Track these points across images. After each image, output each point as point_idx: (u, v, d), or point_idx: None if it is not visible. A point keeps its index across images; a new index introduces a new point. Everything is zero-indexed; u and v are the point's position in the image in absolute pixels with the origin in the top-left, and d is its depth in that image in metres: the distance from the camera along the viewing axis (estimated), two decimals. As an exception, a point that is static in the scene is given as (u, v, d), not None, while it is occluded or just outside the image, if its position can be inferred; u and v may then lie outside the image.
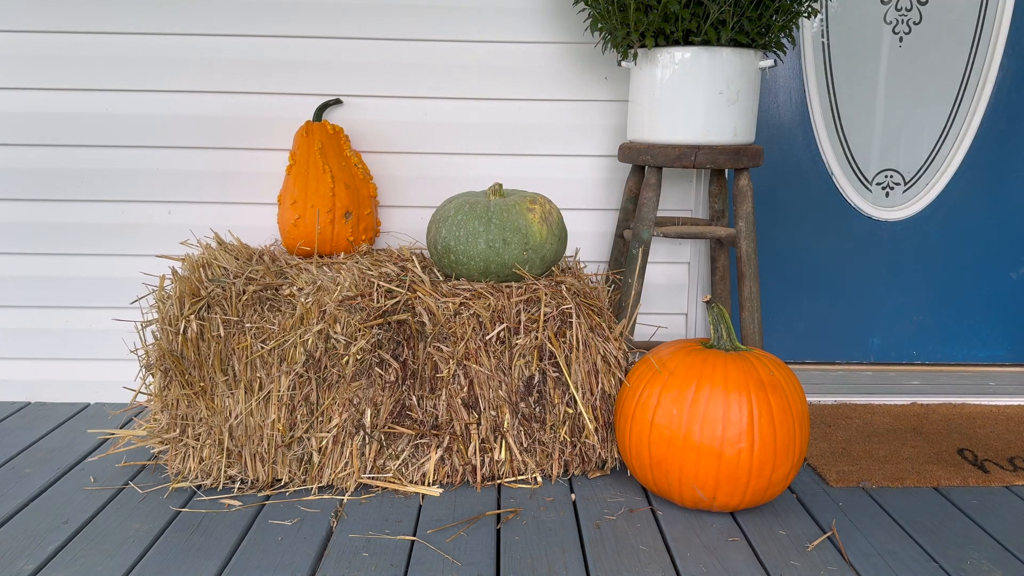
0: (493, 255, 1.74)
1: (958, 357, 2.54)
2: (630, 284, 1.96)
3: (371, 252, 2.04)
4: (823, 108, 2.38)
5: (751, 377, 1.56)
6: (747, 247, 1.99)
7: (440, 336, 1.70)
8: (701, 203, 2.31)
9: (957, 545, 1.54)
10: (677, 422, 1.56)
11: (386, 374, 1.70)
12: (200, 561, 1.46)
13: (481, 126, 2.22)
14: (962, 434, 2.03)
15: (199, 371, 1.70)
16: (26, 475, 1.80)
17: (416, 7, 2.13)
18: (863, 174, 2.42)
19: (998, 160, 2.41)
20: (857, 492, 1.75)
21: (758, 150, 1.95)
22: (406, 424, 1.72)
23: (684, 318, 2.37)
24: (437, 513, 1.64)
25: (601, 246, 2.31)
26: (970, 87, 2.37)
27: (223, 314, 1.67)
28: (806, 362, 2.53)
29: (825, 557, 1.49)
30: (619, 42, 1.90)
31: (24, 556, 1.47)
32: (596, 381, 1.74)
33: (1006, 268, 2.48)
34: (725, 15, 1.77)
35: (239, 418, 1.70)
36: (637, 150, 1.95)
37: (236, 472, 1.73)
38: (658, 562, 1.47)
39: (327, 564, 1.45)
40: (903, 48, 2.34)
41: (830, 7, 2.31)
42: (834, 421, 2.11)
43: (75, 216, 2.19)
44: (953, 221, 2.45)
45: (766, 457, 1.54)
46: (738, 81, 1.85)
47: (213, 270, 1.76)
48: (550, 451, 1.77)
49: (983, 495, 1.74)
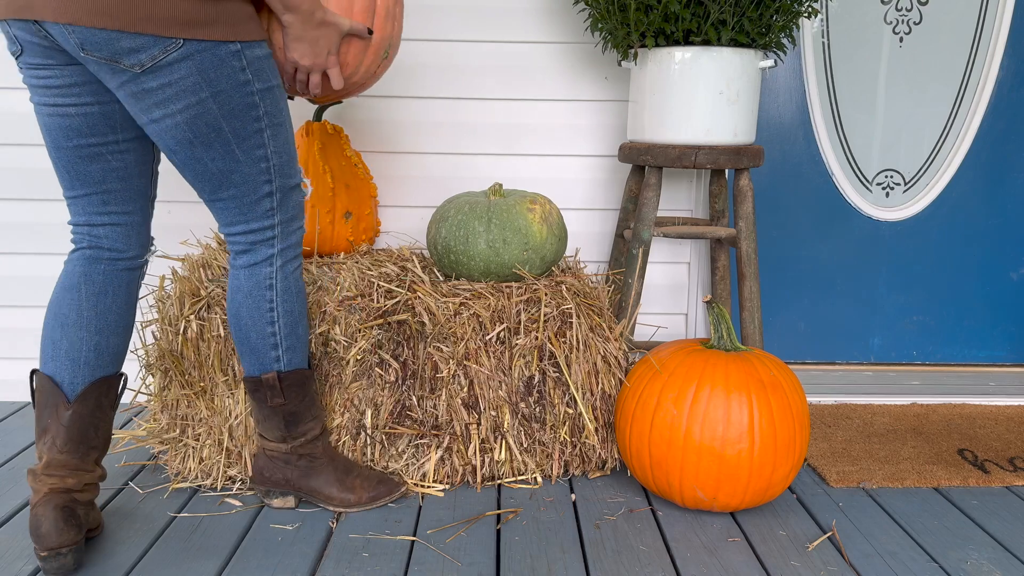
0: (493, 255, 1.74)
1: (958, 357, 2.54)
2: (630, 284, 1.96)
3: (371, 252, 2.04)
4: (823, 108, 2.38)
5: (751, 377, 1.56)
6: (747, 247, 1.99)
7: (440, 336, 1.70)
8: (701, 203, 2.30)
9: (957, 545, 1.54)
10: (677, 422, 1.56)
11: (386, 374, 1.70)
12: (200, 561, 1.46)
13: (481, 126, 2.22)
14: (962, 434, 2.03)
15: (199, 371, 1.69)
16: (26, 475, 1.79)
17: (416, 7, 2.13)
18: (863, 174, 2.42)
19: (998, 160, 2.41)
20: (857, 492, 1.75)
21: (758, 150, 1.95)
22: (406, 424, 1.72)
23: (684, 318, 2.37)
24: (437, 513, 1.64)
25: (601, 246, 2.31)
26: (970, 87, 2.37)
27: (223, 314, 1.67)
28: (806, 362, 2.53)
29: (825, 557, 1.49)
30: (619, 42, 1.90)
31: (24, 556, 1.47)
32: (596, 381, 1.74)
33: (1006, 268, 2.48)
34: (725, 15, 1.77)
35: (239, 418, 1.70)
36: (637, 150, 1.95)
37: (236, 472, 1.73)
38: (658, 562, 1.47)
39: (327, 564, 1.45)
40: (903, 48, 2.34)
41: (830, 7, 2.31)
42: (834, 421, 2.11)
43: (75, 216, 2.19)
44: (953, 221, 2.45)
45: (766, 457, 1.54)
46: (738, 81, 1.85)
47: (213, 270, 1.76)
48: (550, 451, 1.77)
49: (983, 495, 1.74)
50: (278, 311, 1.50)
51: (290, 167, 1.47)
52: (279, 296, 1.50)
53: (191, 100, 1.31)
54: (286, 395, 1.55)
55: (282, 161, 1.45)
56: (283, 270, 1.50)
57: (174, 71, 1.29)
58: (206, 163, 1.39)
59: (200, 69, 1.30)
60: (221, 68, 1.31)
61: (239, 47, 1.33)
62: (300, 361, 1.56)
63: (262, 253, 1.48)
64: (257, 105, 1.37)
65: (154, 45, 1.26)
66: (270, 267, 1.49)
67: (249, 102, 1.36)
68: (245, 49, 1.34)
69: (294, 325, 1.53)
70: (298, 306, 1.54)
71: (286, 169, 1.46)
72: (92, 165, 1.43)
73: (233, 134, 1.37)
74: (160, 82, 1.29)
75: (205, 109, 1.33)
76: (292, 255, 1.52)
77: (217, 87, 1.32)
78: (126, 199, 1.49)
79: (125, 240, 1.50)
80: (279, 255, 1.50)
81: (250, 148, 1.40)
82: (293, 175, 1.49)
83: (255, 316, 1.49)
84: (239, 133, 1.37)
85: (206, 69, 1.30)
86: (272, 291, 1.49)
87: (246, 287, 1.49)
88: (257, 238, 1.48)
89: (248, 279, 1.49)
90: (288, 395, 1.55)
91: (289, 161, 1.47)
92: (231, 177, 1.41)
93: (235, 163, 1.40)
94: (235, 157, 1.39)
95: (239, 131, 1.37)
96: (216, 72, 1.31)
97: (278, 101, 1.42)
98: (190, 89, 1.31)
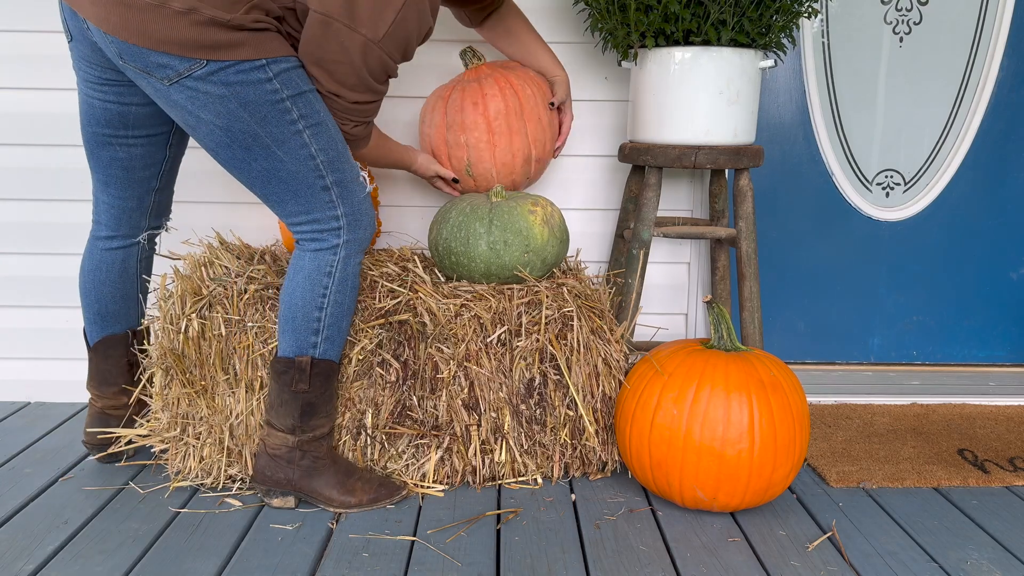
0: (494, 257, 1.74)
1: (958, 357, 2.54)
2: (631, 284, 1.96)
3: (372, 252, 2.04)
4: (823, 108, 2.38)
5: (752, 377, 1.56)
6: (747, 247, 1.99)
7: (441, 337, 1.70)
8: (701, 203, 2.31)
9: (957, 545, 1.54)
10: (677, 422, 1.56)
11: (387, 374, 1.70)
12: (200, 561, 1.46)
13: (481, 126, 2.22)
14: (962, 434, 2.03)
15: (200, 370, 1.70)
16: (26, 475, 1.80)
17: (416, 7, 2.13)
18: (863, 174, 2.42)
19: (998, 160, 2.41)
20: (857, 492, 1.75)
21: (758, 150, 1.95)
22: (407, 424, 1.72)
23: (684, 318, 2.37)
24: (437, 513, 1.64)
25: (601, 246, 2.31)
26: (970, 87, 2.37)
27: (224, 313, 1.67)
28: (806, 362, 2.53)
29: (825, 557, 1.49)
30: (619, 42, 1.90)
31: (24, 556, 1.47)
32: (597, 383, 1.74)
33: (1006, 268, 2.48)
34: (725, 15, 1.77)
35: (240, 417, 1.70)
36: (637, 150, 1.95)
37: (237, 471, 1.73)
38: (658, 562, 1.47)
39: (327, 564, 1.45)
40: (903, 48, 2.34)
41: (830, 7, 2.31)
42: (834, 421, 2.11)
43: (75, 216, 2.19)
44: (953, 221, 2.45)
45: (766, 457, 1.54)
46: (738, 81, 1.85)
47: (215, 269, 1.76)
48: (551, 453, 1.77)
49: (983, 495, 1.74)
50: (330, 299, 1.55)
51: (341, 163, 1.52)
52: (335, 285, 1.55)
53: (221, 110, 1.39)
54: (312, 383, 1.58)
55: (330, 157, 1.49)
56: (345, 262, 1.56)
57: (201, 85, 1.37)
58: (249, 163, 1.46)
59: (226, 84, 1.37)
60: (247, 82, 1.38)
61: (264, 62, 1.39)
62: (334, 354, 1.60)
63: (329, 241, 1.55)
64: (290, 110, 1.43)
65: (180, 64, 1.35)
66: (333, 255, 1.55)
67: (281, 108, 1.42)
68: (270, 64, 1.40)
69: (340, 317, 1.58)
70: (348, 300, 1.59)
71: (337, 164, 1.51)
72: (102, 151, 1.63)
73: (271, 138, 1.43)
74: (189, 95, 1.38)
75: (237, 118, 1.40)
76: (357, 249, 1.57)
77: (245, 99, 1.39)
78: (124, 185, 1.68)
79: (116, 220, 1.72)
80: (344, 246, 1.55)
81: (292, 149, 1.45)
82: (347, 170, 1.53)
83: (307, 298, 1.55)
84: (277, 137, 1.43)
85: (232, 84, 1.38)
86: (330, 278, 1.55)
87: (308, 268, 1.55)
88: (323, 227, 1.54)
89: (312, 261, 1.55)
90: (313, 383, 1.58)
91: (339, 157, 1.51)
92: (278, 174, 1.47)
93: (279, 162, 1.46)
94: (277, 157, 1.45)
95: (276, 135, 1.43)
96: (243, 86, 1.38)
97: (313, 104, 1.46)
98: (218, 100, 1.38)
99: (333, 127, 1.51)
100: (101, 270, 1.73)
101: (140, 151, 1.64)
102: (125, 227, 1.73)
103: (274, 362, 1.59)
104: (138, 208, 1.72)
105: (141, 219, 1.74)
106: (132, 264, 1.76)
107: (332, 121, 1.51)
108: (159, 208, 1.77)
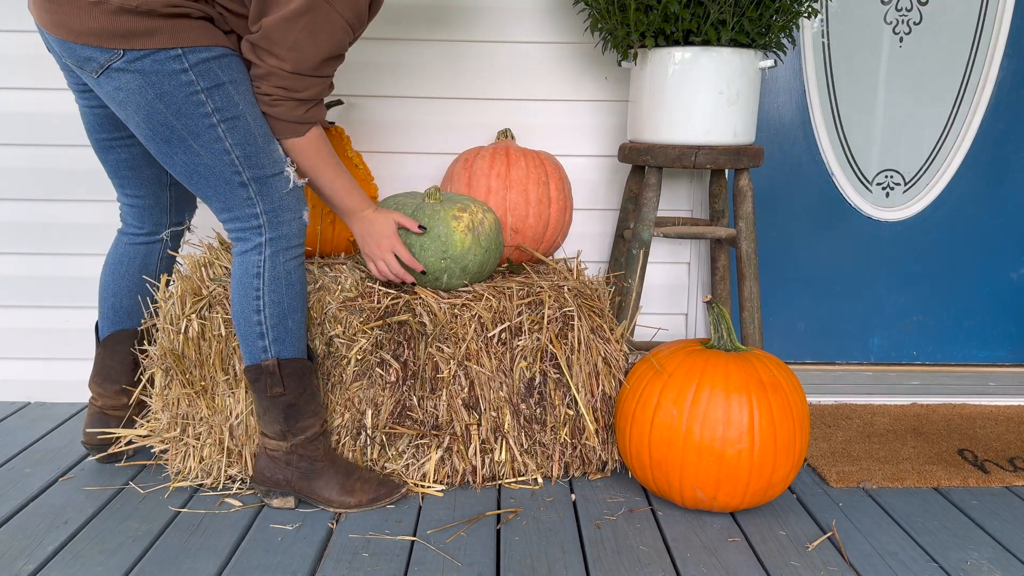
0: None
1: (958, 357, 2.54)
2: (631, 284, 1.96)
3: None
4: (823, 108, 2.38)
5: (752, 377, 1.56)
6: (747, 247, 1.99)
7: (441, 337, 1.70)
8: (701, 203, 2.31)
9: (957, 545, 1.54)
10: (677, 422, 1.56)
11: (387, 374, 1.70)
12: (200, 561, 1.46)
13: (481, 126, 2.22)
14: (962, 434, 2.03)
15: (200, 370, 1.70)
16: (26, 475, 1.80)
17: (417, 7, 2.13)
18: (863, 174, 2.42)
19: (998, 160, 2.41)
20: (857, 492, 1.75)
21: (758, 150, 1.95)
22: (407, 424, 1.72)
23: (684, 318, 2.37)
24: (437, 513, 1.64)
25: (601, 246, 2.31)
26: (970, 87, 2.37)
27: (224, 313, 1.67)
28: (806, 362, 2.53)
29: (825, 557, 1.49)
30: (619, 42, 1.90)
31: (24, 556, 1.47)
32: (597, 383, 1.74)
33: (1006, 268, 2.48)
34: (725, 15, 1.77)
35: (240, 417, 1.70)
36: (637, 150, 1.95)
37: (237, 472, 1.73)
38: (658, 562, 1.47)
39: (327, 564, 1.45)
40: (903, 48, 2.34)
41: (830, 7, 2.31)
42: (834, 421, 2.11)
43: (75, 216, 2.19)
44: (953, 221, 2.45)
45: (766, 457, 1.54)
46: (738, 81, 1.85)
47: (215, 269, 1.76)
48: (551, 453, 1.77)
49: (983, 495, 1.74)
50: (264, 300, 1.53)
51: (260, 157, 1.48)
52: (267, 285, 1.53)
53: (141, 101, 1.40)
54: (285, 384, 1.56)
55: (247, 152, 1.47)
56: (272, 260, 1.53)
57: (121, 77, 1.38)
58: (172, 157, 1.46)
59: (143, 73, 1.38)
60: (162, 72, 1.38)
61: (180, 52, 1.38)
62: (293, 353, 1.57)
63: (251, 241, 1.53)
64: (204, 103, 1.42)
65: (100, 55, 1.37)
66: (258, 255, 1.53)
67: (195, 100, 1.41)
68: (187, 53, 1.39)
69: (282, 317, 1.55)
70: (288, 298, 1.55)
71: (255, 160, 1.48)
72: (108, 155, 1.65)
73: (187, 131, 1.43)
74: (113, 86, 1.40)
75: (155, 110, 1.40)
76: (284, 246, 1.54)
77: (161, 89, 1.39)
78: (137, 184, 1.71)
79: (139, 218, 1.75)
80: (267, 244, 1.53)
81: (207, 143, 1.44)
82: (266, 165, 1.49)
83: (243, 303, 1.54)
84: (192, 130, 1.43)
85: (148, 73, 1.38)
86: (259, 279, 1.53)
87: (238, 273, 1.55)
88: (244, 225, 1.52)
89: (240, 265, 1.54)
90: (287, 384, 1.56)
91: (258, 152, 1.48)
92: (198, 169, 1.47)
93: (196, 156, 1.45)
94: (194, 151, 1.45)
95: (191, 128, 1.42)
96: (158, 76, 1.38)
97: (231, 96, 1.44)
98: (137, 92, 1.39)
99: (253, 121, 1.46)
100: (123, 263, 1.76)
101: (140, 150, 1.65)
102: (148, 224, 1.76)
103: (245, 372, 1.58)
104: (156, 205, 1.74)
105: (162, 215, 1.76)
106: (153, 260, 1.79)
107: (254, 115, 1.46)
108: (179, 204, 1.78)
